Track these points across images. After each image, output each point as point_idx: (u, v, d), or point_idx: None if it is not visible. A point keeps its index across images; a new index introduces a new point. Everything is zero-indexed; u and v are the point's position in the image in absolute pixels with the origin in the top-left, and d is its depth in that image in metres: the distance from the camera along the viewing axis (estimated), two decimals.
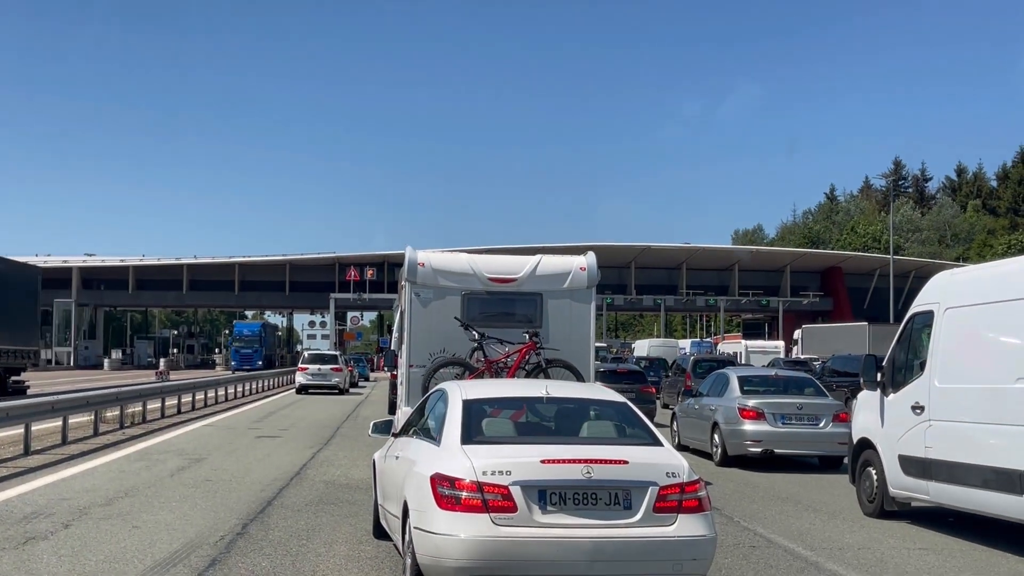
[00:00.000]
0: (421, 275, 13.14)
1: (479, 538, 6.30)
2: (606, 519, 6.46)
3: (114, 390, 20.95)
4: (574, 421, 7.53)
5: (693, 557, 6.55)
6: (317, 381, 41.67)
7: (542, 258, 13.63)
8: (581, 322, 13.42)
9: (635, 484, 6.53)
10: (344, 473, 14.30)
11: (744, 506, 12.20)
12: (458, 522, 6.36)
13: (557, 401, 7.70)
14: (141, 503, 11.21)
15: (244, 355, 78.40)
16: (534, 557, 6.33)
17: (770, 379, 18.34)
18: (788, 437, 16.18)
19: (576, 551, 6.34)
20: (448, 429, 7.10)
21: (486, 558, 6.32)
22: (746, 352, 56.28)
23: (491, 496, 6.37)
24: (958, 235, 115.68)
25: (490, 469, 6.45)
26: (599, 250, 61.13)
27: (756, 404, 16.40)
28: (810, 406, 16.52)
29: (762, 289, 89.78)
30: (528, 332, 12.84)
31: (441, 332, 12.95)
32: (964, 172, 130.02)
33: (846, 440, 16.02)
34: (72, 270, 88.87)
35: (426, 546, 6.53)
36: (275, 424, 23.83)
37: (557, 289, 13.32)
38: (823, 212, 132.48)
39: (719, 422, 16.83)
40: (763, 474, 15.68)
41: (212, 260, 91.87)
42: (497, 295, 13.23)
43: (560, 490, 6.45)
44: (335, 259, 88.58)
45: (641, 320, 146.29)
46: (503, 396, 7.94)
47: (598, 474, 6.48)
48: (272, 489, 12.48)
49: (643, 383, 26.12)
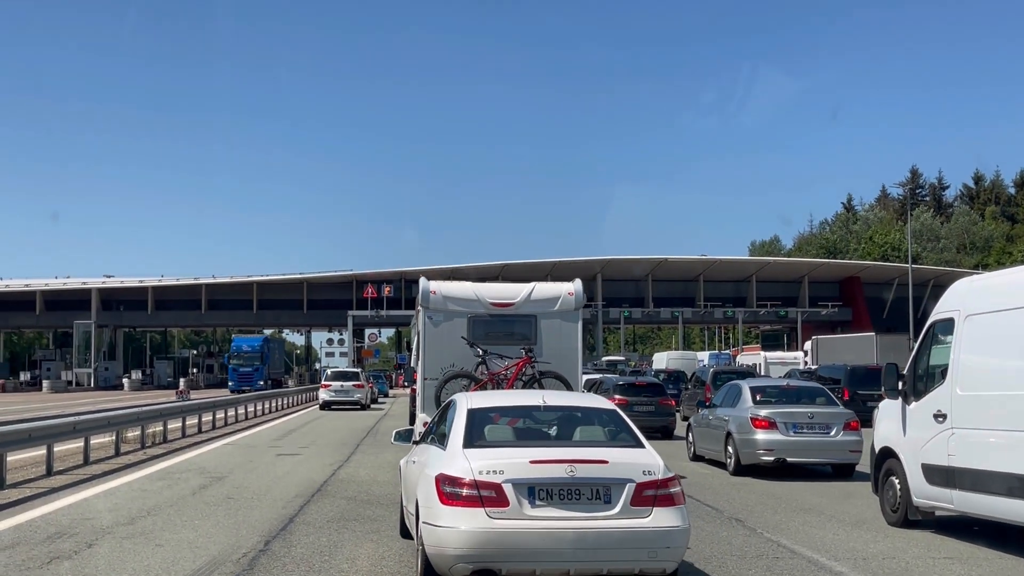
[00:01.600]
0: (433, 301, 15.25)
1: (476, 530, 7.10)
2: (588, 512, 7.22)
3: (135, 410, 21.08)
4: (569, 426, 8.33)
5: (667, 546, 7.30)
6: (340, 397, 42.95)
7: (536, 285, 15.76)
8: (569, 339, 15.39)
9: (614, 481, 7.31)
10: (365, 490, 14.32)
11: (767, 517, 12.15)
12: (458, 516, 7.16)
13: (553, 409, 8.54)
14: (163, 522, 11.26)
15: (243, 374, 70.74)
16: (524, 546, 7.10)
17: (782, 389, 18.50)
18: (800, 446, 16.43)
19: (561, 540, 7.11)
20: (453, 435, 7.96)
21: (482, 547, 7.09)
22: (765, 363, 56.07)
23: (486, 493, 7.16)
24: (976, 243, 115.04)
25: (486, 469, 7.26)
26: (616, 263, 61.14)
27: (768, 414, 16.62)
28: (821, 415, 16.74)
29: (780, 300, 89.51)
30: (524, 348, 14.74)
31: (450, 349, 14.92)
32: (982, 180, 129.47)
33: (857, 448, 16.64)
34: (92, 291, 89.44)
35: (432, 538, 7.32)
36: (296, 441, 23.90)
37: (549, 311, 15.31)
38: (840, 222, 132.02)
39: (732, 432, 17.07)
40: (784, 483, 15.65)
41: (230, 279, 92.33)
42: (498, 317, 15.25)
43: (547, 487, 7.24)
44: (352, 276, 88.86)
45: (659, 333, 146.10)
46: (504, 405, 8.78)
47: (580, 472, 7.28)
48: (294, 506, 12.51)
49: (662, 396, 26.11)
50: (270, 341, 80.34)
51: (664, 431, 25.35)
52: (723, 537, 10.63)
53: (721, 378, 31.54)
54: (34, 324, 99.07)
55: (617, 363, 62.61)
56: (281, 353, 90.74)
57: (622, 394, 25.59)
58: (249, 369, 71.32)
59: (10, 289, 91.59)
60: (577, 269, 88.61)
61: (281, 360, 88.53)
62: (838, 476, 16.71)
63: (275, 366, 78.58)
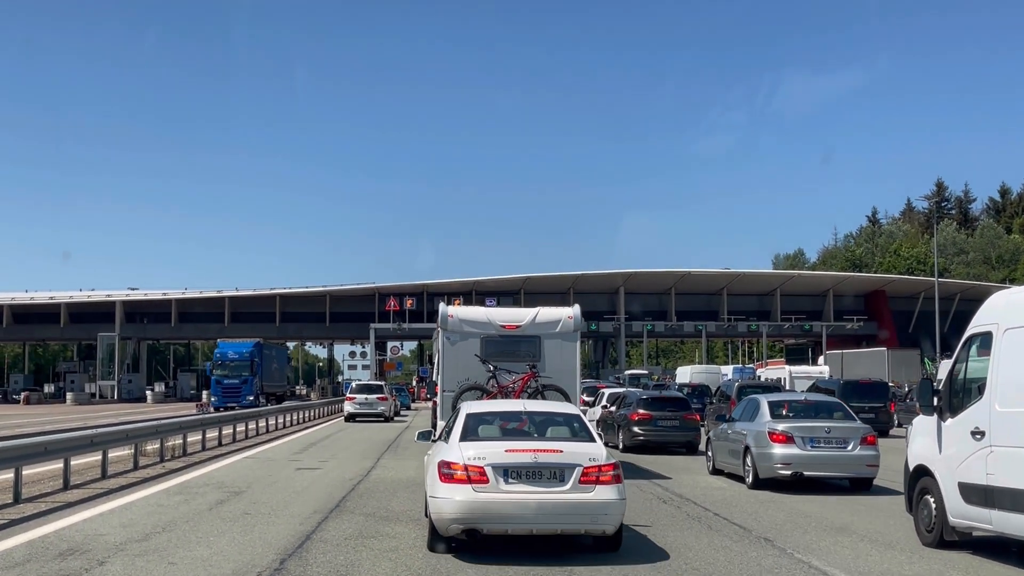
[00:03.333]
0: (450, 324, 17.72)
1: (464, 500, 9.55)
2: (547, 488, 9.63)
3: (153, 423, 20.88)
4: (544, 426, 10.79)
5: (605, 513, 9.70)
6: (364, 410, 43.74)
7: (540, 309, 18.28)
8: (570, 357, 17.83)
9: (566, 465, 9.70)
10: (384, 505, 14.02)
11: (797, 537, 11.77)
12: (452, 490, 9.63)
13: (531, 414, 11.07)
14: (178, 538, 11.01)
15: (228, 388, 58.40)
16: (499, 512, 9.55)
17: (799, 404, 18.50)
18: (817, 460, 16.49)
19: (526, 508, 9.53)
20: (454, 433, 10.52)
21: (469, 513, 9.58)
22: (790, 377, 55.31)
23: (473, 473, 9.60)
24: (1003, 257, 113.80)
25: (473, 456, 9.72)
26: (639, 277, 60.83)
27: (785, 428, 16.68)
28: (838, 429, 16.80)
29: (805, 314, 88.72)
30: (529, 364, 17.16)
31: (465, 365, 17.35)
32: (1008, 193, 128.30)
33: (875, 462, 16.79)
34: (116, 304, 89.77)
35: (433, 506, 9.88)
36: (316, 456, 23.65)
37: (551, 333, 17.78)
38: (865, 235, 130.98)
39: (750, 446, 17.15)
40: (809, 498, 15.35)
41: (253, 292, 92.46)
42: (507, 337, 17.63)
43: (517, 469, 9.65)
44: (375, 289, 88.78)
45: (681, 347, 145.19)
46: (494, 411, 11.36)
47: (542, 459, 9.71)
48: (311, 523, 12.24)
49: (687, 410, 25.70)
50: (265, 347, 65.65)
51: (689, 446, 24.96)
52: (753, 558, 10.28)
53: (746, 392, 31.19)
54: (59, 337, 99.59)
55: (640, 377, 62.12)
56: (283, 363, 76.27)
57: (646, 408, 25.22)
58: (236, 381, 58.78)
59: (35, 302, 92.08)
60: (599, 282, 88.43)
61: (283, 371, 74.24)
62: (856, 490, 16.69)
63: (271, 377, 65.56)
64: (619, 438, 25.62)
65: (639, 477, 18.65)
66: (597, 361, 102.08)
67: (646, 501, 14.93)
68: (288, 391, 72.17)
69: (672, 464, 21.98)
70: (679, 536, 11.60)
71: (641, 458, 23.21)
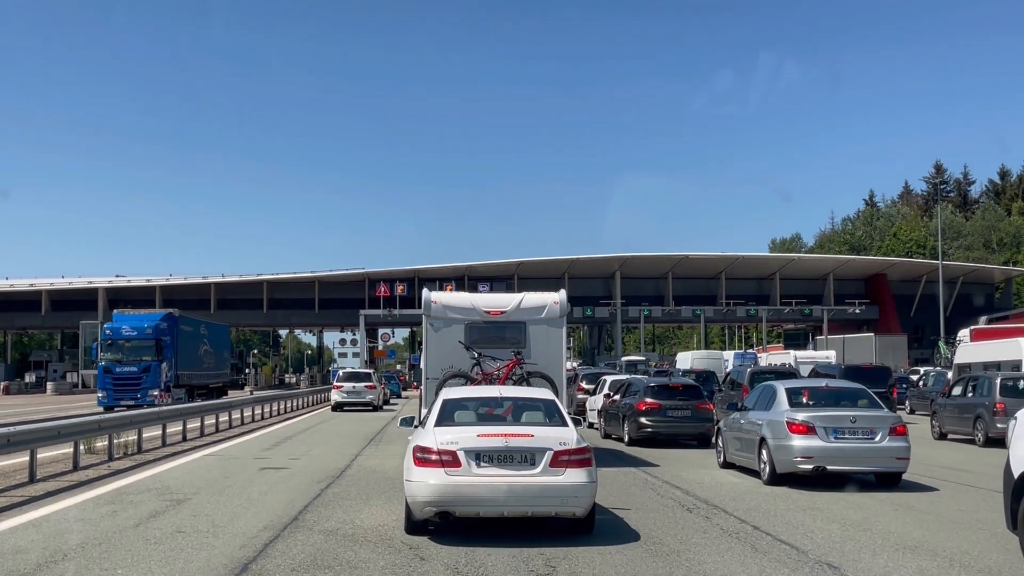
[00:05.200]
0: (434, 310, 17.36)
1: (437, 484, 9.61)
2: (518, 471, 9.67)
3: (94, 418, 18.28)
4: (519, 411, 10.83)
5: (575, 495, 9.70)
6: (352, 399, 42.40)
7: (525, 295, 17.94)
8: (555, 343, 17.44)
9: (537, 449, 9.76)
10: (350, 519, 11.53)
11: (867, 560, 9.30)
12: (426, 474, 9.70)
13: (508, 399, 11.14)
14: (77, 569, 8.59)
15: (122, 380, 41.77)
16: (471, 495, 9.61)
17: (820, 390, 16.49)
18: (841, 453, 14.81)
19: (497, 491, 9.56)
20: (430, 419, 10.68)
21: (441, 496, 9.62)
22: (795, 362, 53.06)
23: (446, 457, 9.66)
24: (1004, 239, 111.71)
25: (446, 441, 9.79)
26: (635, 261, 58.26)
27: (806, 418, 15.01)
28: (864, 418, 15.07)
29: (805, 298, 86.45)
30: (514, 351, 16.94)
31: (449, 352, 17.02)
32: (1008, 175, 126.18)
33: (905, 455, 14.88)
34: (98, 291, 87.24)
35: (408, 490, 9.91)
36: (288, 451, 21.20)
37: (536, 319, 17.36)
38: (863, 219, 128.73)
39: (767, 438, 15.43)
40: (840, 496, 13.07)
41: (240, 278, 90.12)
42: (491, 324, 17.26)
43: (489, 453, 9.71)
44: (365, 275, 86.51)
45: (677, 333, 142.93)
46: (470, 396, 11.43)
47: (513, 443, 9.78)
48: (255, 545, 9.75)
49: (699, 399, 23.35)
50: (183, 321, 47.28)
51: (701, 439, 22.62)
52: None
53: (758, 379, 28.87)
54: (40, 325, 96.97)
55: (638, 363, 59.66)
56: (220, 345, 55.69)
57: (654, 397, 22.85)
58: (133, 369, 42.00)
59: (15, 289, 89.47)
60: (594, 267, 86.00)
61: (220, 356, 55.02)
62: (883, 486, 14.95)
63: (196, 363, 48.59)
64: (624, 430, 23.24)
65: (646, 473, 16.36)
66: (592, 347, 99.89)
67: (652, 498, 12.59)
68: (222, 382, 54.52)
69: (682, 458, 19.70)
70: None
71: (650, 452, 20.91)
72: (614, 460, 19.19)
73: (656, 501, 13.25)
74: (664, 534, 10.56)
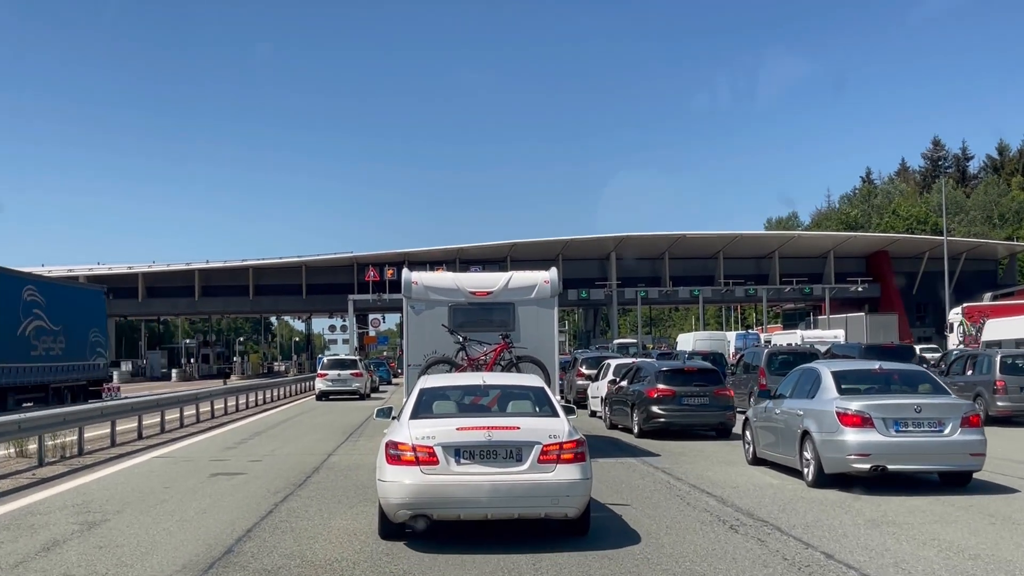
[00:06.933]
0: (415, 291, 16.25)
1: (413, 483, 8.79)
2: (502, 468, 8.86)
3: (15, 417, 15.69)
4: (504, 401, 9.93)
5: (568, 495, 8.88)
6: (337, 387, 40.99)
7: (513, 274, 16.81)
8: (546, 325, 16.30)
9: (523, 443, 8.92)
10: (303, 549, 9.03)
11: None
12: (400, 473, 8.88)
13: (492, 388, 10.20)
14: None
15: None
16: (450, 495, 8.78)
17: (872, 374, 13.92)
18: (905, 449, 12.36)
19: (479, 491, 8.75)
20: (405, 410, 9.87)
21: (417, 497, 8.78)
22: (802, 343, 50.82)
23: (421, 454, 8.86)
24: (1005, 215, 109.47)
25: (422, 436, 8.96)
26: (630, 241, 55.39)
27: (860, 407, 12.56)
28: (930, 407, 12.60)
29: (806, 277, 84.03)
30: (502, 334, 15.89)
31: (432, 337, 15.96)
32: (1006, 150, 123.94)
33: (981, 450, 12.56)
34: (78, 279, 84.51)
35: (381, 490, 9.08)
36: (253, 450, 18.65)
37: (526, 299, 16.23)
38: (861, 196, 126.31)
39: (811, 431, 13.01)
40: (950, 520, 10.51)
41: (225, 264, 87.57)
42: (477, 305, 16.21)
43: (469, 448, 8.88)
44: (353, 259, 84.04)
45: (672, 314, 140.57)
46: (450, 385, 10.56)
47: (496, 436, 8.90)
48: None
49: (718, 384, 20.89)
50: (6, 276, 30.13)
51: (720, 429, 20.20)
52: None
53: (777, 360, 26.43)
54: None
55: (629, 346, 57.27)
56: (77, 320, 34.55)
57: (667, 383, 20.35)
58: None
59: None
60: (589, 247, 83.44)
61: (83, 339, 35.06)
62: (952, 487, 12.59)
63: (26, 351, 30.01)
64: (633, 419, 20.77)
65: (666, 473, 13.93)
66: (588, 330, 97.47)
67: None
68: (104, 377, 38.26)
69: (703, 452, 17.37)
70: None
71: (665, 445, 18.52)
72: (623, 454, 17.04)
73: (687, 514, 10.80)
74: (708, 568, 8.05)
